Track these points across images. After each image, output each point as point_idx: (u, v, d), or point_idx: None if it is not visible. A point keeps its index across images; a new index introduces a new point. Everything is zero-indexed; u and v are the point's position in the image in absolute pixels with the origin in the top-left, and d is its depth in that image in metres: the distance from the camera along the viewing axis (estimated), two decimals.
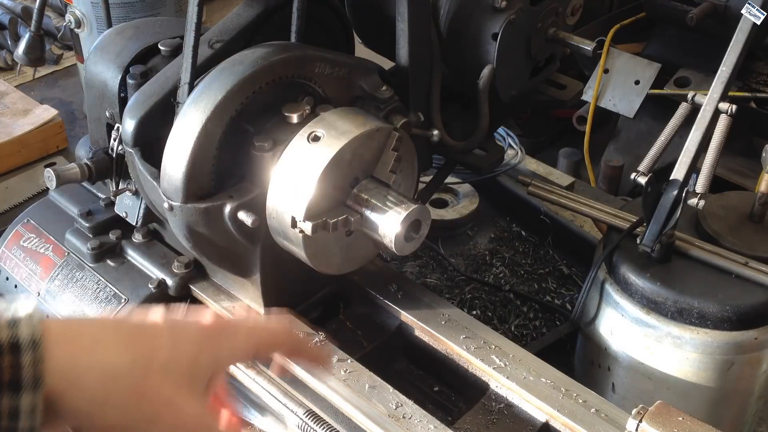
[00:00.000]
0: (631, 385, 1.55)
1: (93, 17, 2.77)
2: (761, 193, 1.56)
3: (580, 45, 1.55)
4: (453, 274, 1.97)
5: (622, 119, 2.97)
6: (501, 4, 1.44)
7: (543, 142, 3.42)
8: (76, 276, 1.60)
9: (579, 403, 1.28)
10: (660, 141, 1.53)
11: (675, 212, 1.45)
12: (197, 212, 1.26)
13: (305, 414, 1.33)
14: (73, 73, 3.57)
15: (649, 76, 2.83)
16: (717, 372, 1.46)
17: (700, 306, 1.42)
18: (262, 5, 1.45)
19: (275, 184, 1.23)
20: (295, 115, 1.28)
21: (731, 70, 1.48)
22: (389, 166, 1.27)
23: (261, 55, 1.27)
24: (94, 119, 1.55)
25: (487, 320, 1.83)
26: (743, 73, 2.74)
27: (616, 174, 2.83)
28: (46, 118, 2.91)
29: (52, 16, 3.81)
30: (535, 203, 2.04)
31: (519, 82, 1.59)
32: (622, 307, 1.50)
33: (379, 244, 1.29)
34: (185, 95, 1.31)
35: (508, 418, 1.33)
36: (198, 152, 1.23)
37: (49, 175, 1.46)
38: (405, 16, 1.37)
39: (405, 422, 1.27)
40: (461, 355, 1.39)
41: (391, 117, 1.37)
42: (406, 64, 1.41)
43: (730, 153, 2.69)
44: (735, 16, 1.61)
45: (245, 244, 1.32)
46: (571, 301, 1.90)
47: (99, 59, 1.52)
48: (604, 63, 2.87)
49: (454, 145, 1.53)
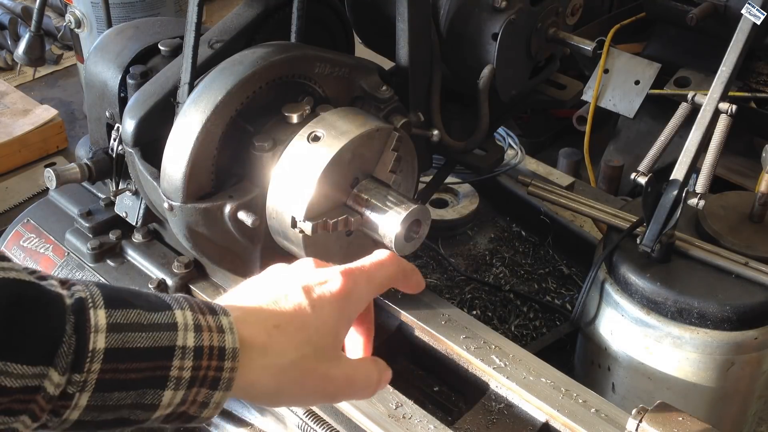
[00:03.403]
0: (631, 385, 1.55)
1: (93, 17, 2.78)
2: (761, 193, 1.56)
3: (580, 45, 1.55)
4: (453, 274, 1.97)
5: (622, 119, 2.97)
6: (501, 4, 1.44)
7: (543, 142, 3.43)
8: (76, 276, 1.60)
9: (579, 403, 1.28)
10: (660, 141, 1.53)
11: (675, 212, 1.45)
12: (197, 212, 1.26)
13: (305, 414, 1.33)
14: (73, 73, 3.58)
15: (649, 76, 2.83)
16: (717, 372, 1.46)
17: (700, 306, 1.42)
18: (262, 5, 1.45)
19: (275, 184, 1.23)
20: (295, 115, 1.28)
21: (731, 70, 1.48)
22: (389, 166, 1.27)
23: (261, 55, 1.27)
24: (94, 119, 1.55)
25: (487, 320, 1.83)
26: (743, 73, 2.74)
27: (616, 174, 2.83)
28: (46, 118, 2.92)
29: (52, 16, 3.82)
30: (535, 203, 2.03)
31: (519, 82, 1.59)
32: (622, 307, 1.50)
33: (379, 244, 1.29)
34: (185, 95, 1.31)
35: (508, 418, 1.33)
36: (198, 152, 1.23)
37: (49, 175, 1.46)
38: (405, 16, 1.37)
39: (405, 422, 1.27)
40: (461, 355, 1.39)
41: (391, 117, 1.37)
42: (406, 64, 1.41)
43: (730, 153, 2.70)
44: (735, 16, 1.62)
45: (245, 244, 1.32)
46: (571, 301, 1.89)
47: (99, 59, 1.52)
48: (604, 63, 2.88)
49: (454, 145, 1.53)
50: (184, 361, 0.77)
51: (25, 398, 0.70)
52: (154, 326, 0.77)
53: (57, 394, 0.72)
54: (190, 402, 0.79)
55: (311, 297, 0.88)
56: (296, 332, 0.86)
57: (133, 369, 0.75)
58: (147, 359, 0.76)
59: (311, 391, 0.89)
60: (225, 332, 0.80)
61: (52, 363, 0.70)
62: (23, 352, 0.69)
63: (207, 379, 0.79)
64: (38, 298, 0.71)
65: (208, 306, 0.83)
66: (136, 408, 0.77)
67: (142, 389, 0.76)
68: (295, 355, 0.85)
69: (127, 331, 0.75)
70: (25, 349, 0.69)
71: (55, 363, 0.71)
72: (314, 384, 0.88)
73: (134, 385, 0.75)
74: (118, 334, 0.74)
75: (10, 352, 0.68)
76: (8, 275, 0.69)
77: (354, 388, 0.92)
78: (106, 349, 0.73)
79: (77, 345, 0.72)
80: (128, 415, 0.77)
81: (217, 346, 0.79)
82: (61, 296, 0.73)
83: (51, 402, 0.72)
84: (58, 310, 0.72)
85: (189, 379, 0.78)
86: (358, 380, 0.92)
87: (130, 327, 0.75)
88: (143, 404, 0.77)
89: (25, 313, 0.69)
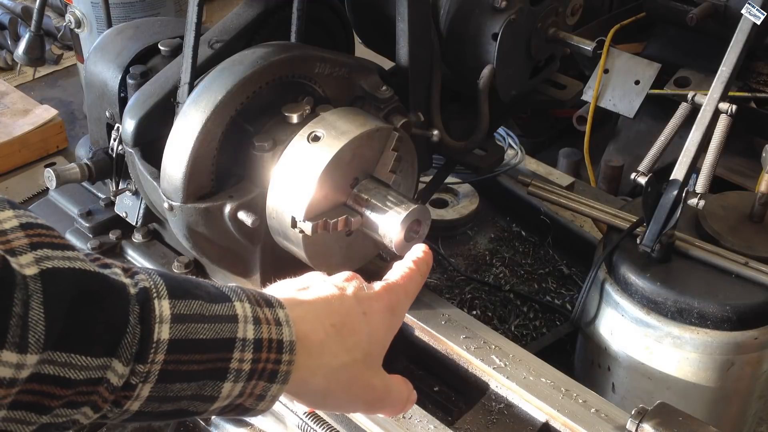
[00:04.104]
0: (631, 385, 1.55)
1: (93, 17, 2.77)
2: (761, 193, 1.56)
3: (580, 45, 1.55)
4: (453, 274, 1.97)
5: (622, 119, 2.97)
6: (501, 4, 1.44)
7: (543, 142, 3.43)
8: None
9: (579, 403, 1.28)
10: (660, 141, 1.53)
11: (675, 212, 1.45)
12: (197, 212, 1.26)
13: (305, 414, 1.33)
14: (73, 73, 3.58)
15: (649, 76, 2.83)
16: (717, 372, 1.46)
17: (700, 306, 1.42)
18: (262, 5, 1.45)
19: (275, 184, 1.23)
20: (295, 115, 1.28)
21: (731, 70, 1.48)
22: (389, 166, 1.27)
23: (261, 55, 1.27)
24: (94, 119, 1.55)
25: (487, 320, 1.83)
26: (743, 73, 2.74)
27: (616, 174, 2.83)
28: (46, 118, 2.92)
29: (52, 16, 3.82)
30: (535, 203, 2.04)
31: (519, 82, 1.59)
32: (622, 307, 1.50)
33: (379, 244, 1.29)
34: (185, 95, 1.31)
35: (508, 418, 1.33)
36: (198, 152, 1.23)
37: (49, 175, 1.46)
38: (405, 16, 1.37)
39: (405, 422, 1.27)
40: (461, 355, 1.39)
41: (391, 117, 1.37)
42: (406, 64, 1.41)
43: (730, 153, 2.69)
44: (735, 16, 1.62)
45: (245, 244, 1.32)
46: (571, 301, 1.89)
47: (99, 59, 1.52)
48: (604, 63, 2.88)
49: (454, 145, 1.53)
50: (245, 353, 0.77)
51: (88, 389, 0.70)
52: (216, 318, 0.77)
53: (120, 385, 0.71)
54: (248, 394, 0.80)
55: (363, 305, 0.89)
56: (350, 335, 0.87)
57: (195, 360, 0.75)
58: (209, 351, 0.76)
59: (355, 397, 0.90)
60: (282, 325, 0.80)
61: (116, 354, 0.70)
62: (87, 343, 0.68)
63: (265, 371, 0.79)
64: (103, 289, 0.70)
65: (264, 297, 0.82)
66: (195, 399, 0.77)
67: (203, 381, 0.76)
68: (347, 359, 0.86)
69: (190, 322, 0.75)
70: (90, 340, 0.69)
71: (119, 354, 0.70)
72: (359, 391, 0.89)
73: (195, 377, 0.76)
74: (182, 324, 0.74)
75: (75, 344, 0.68)
76: (74, 265, 0.68)
77: (388, 401, 0.93)
78: (170, 340, 0.73)
79: (142, 335, 0.72)
80: (187, 406, 0.77)
81: (275, 339, 0.79)
82: (125, 285, 0.73)
83: (114, 393, 0.72)
84: (121, 300, 0.72)
85: (248, 371, 0.78)
86: (393, 395, 0.93)
87: (193, 318, 0.75)
88: (203, 396, 0.77)
89: (90, 305, 0.69)
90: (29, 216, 0.69)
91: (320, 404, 0.92)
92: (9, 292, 0.63)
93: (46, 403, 0.67)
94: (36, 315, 0.64)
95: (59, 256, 0.68)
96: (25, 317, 0.63)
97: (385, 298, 0.92)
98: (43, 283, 0.65)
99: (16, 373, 0.64)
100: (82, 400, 0.70)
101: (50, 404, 0.68)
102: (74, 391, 0.69)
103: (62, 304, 0.66)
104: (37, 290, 0.65)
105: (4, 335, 0.62)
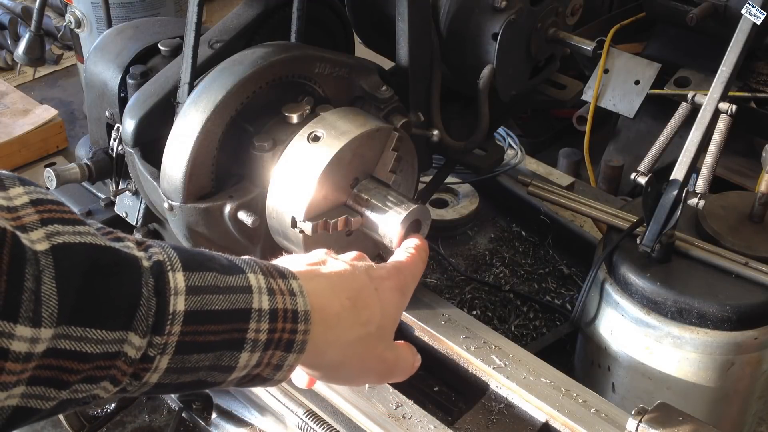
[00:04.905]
0: (631, 385, 1.55)
1: (93, 17, 2.77)
2: (761, 193, 1.56)
3: (580, 45, 1.55)
4: (453, 274, 1.97)
5: (622, 119, 2.97)
6: (501, 4, 1.44)
7: (543, 142, 3.42)
8: None
9: (579, 403, 1.28)
10: (660, 141, 1.53)
11: (675, 212, 1.45)
12: (197, 212, 1.26)
13: (305, 414, 1.33)
14: (73, 73, 3.58)
15: (649, 76, 2.83)
16: (717, 372, 1.46)
17: (700, 306, 1.42)
18: (262, 5, 1.45)
19: (275, 184, 1.23)
20: (295, 115, 1.28)
21: (731, 70, 1.48)
22: (389, 166, 1.27)
23: (261, 55, 1.27)
24: (94, 119, 1.55)
25: (487, 320, 1.83)
26: (743, 73, 2.74)
27: (616, 174, 2.83)
28: (46, 118, 2.92)
29: (52, 16, 3.82)
30: (535, 203, 2.04)
31: (519, 82, 1.59)
32: (622, 307, 1.50)
33: (379, 244, 1.29)
34: (185, 95, 1.31)
35: (508, 418, 1.33)
36: (198, 152, 1.23)
37: (49, 175, 1.46)
38: (405, 16, 1.37)
39: (405, 422, 1.27)
40: (461, 355, 1.39)
41: (391, 117, 1.37)
42: (406, 64, 1.41)
43: (730, 153, 2.69)
44: (735, 16, 1.62)
45: (245, 244, 1.32)
46: (571, 301, 1.90)
47: (99, 59, 1.52)
48: (604, 63, 2.88)
49: (454, 145, 1.53)
50: (260, 323, 0.78)
51: (106, 364, 0.70)
52: (230, 289, 0.77)
53: (138, 357, 0.72)
54: (265, 364, 0.81)
55: (375, 281, 0.91)
56: (364, 309, 0.88)
57: (212, 331, 0.76)
58: (225, 321, 0.76)
59: (368, 370, 0.92)
60: (296, 295, 0.81)
61: (131, 327, 0.70)
62: (102, 317, 0.69)
63: (282, 341, 0.80)
64: (114, 263, 0.70)
65: (277, 269, 0.83)
66: (213, 369, 0.78)
67: (220, 351, 0.77)
68: (362, 332, 0.87)
69: (205, 293, 0.75)
70: (104, 314, 0.69)
71: (134, 326, 0.70)
72: (372, 364, 0.91)
73: (213, 347, 0.76)
74: (197, 296, 0.74)
75: (89, 317, 0.68)
76: (85, 240, 0.68)
77: (397, 370, 0.96)
78: (186, 311, 0.73)
79: (157, 308, 0.72)
80: (205, 377, 0.78)
81: (290, 309, 0.80)
82: (138, 258, 0.73)
83: (132, 365, 0.72)
84: (134, 273, 0.72)
85: (265, 341, 0.79)
86: (401, 363, 0.96)
87: (208, 289, 0.76)
88: (221, 366, 0.78)
89: (103, 279, 0.69)
90: (39, 192, 0.69)
91: (333, 377, 0.93)
92: (20, 267, 0.63)
93: (64, 378, 0.68)
94: (48, 289, 0.64)
95: (70, 231, 0.68)
96: (38, 292, 0.64)
97: (395, 276, 0.94)
98: (54, 258, 0.65)
99: (31, 347, 0.64)
100: (101, 375, 0.70)
101: (69, 379, 0.68)
102: (92, 365, 0.69)
103: (74, 279, 0.66)
104: (48, 265, 0.65)
105: (18, 310, 0.63)
